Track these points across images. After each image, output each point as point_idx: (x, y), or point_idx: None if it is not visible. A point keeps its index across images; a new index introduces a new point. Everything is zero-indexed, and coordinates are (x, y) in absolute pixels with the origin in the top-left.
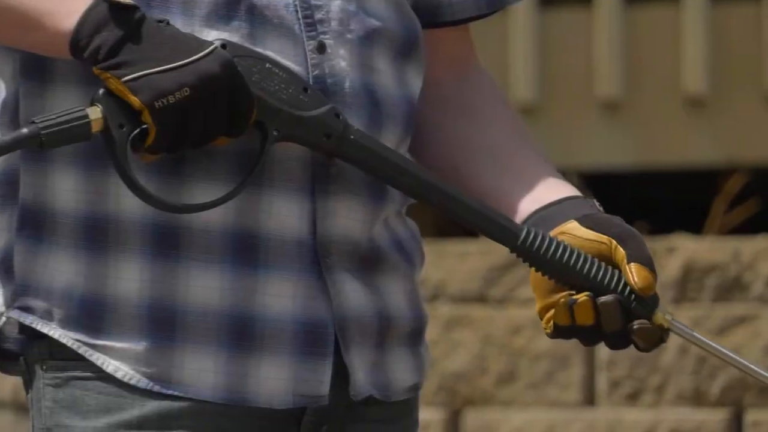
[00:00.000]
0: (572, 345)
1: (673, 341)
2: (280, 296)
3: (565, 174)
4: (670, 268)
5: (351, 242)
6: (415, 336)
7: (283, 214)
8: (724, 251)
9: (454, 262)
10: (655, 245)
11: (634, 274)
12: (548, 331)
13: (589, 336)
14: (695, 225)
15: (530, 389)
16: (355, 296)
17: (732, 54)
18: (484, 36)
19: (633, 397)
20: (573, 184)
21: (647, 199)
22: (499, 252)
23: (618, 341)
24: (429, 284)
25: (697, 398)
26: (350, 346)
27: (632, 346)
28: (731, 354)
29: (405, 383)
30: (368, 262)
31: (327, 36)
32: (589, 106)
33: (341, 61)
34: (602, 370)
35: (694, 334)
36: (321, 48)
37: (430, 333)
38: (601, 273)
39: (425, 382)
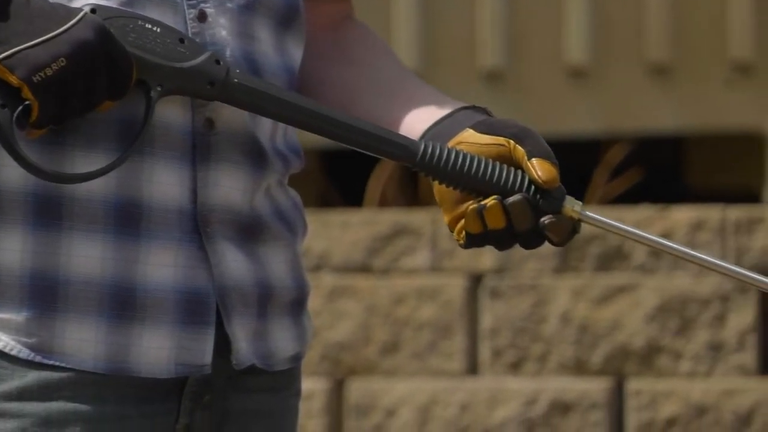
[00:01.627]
0: (455, 314)
1: (554, 312)
2: (162, 266)
3: None
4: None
5: (232, 211)
6: (297, 305)
7: (164, 183)
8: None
9: (338, 232)
10: None
11: (536, 169)
12: (461, 242)
13: (502, 239)
14: (577, 194)
15: (413, 359)
16: (236, 266)
17: (614, 24)
18: (367, 3)
19: (515, 367)
20: None
21: None
22: (383, 222)
23: (532, 239)
24: (312, 254)
25: (579, 367)
26: (232, 315)
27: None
28: (649, 235)
29: (287, 353)
30: (249, 232)
31: (207, 4)
32: (471, 75)
33: (222, 29)
34: (485, 339)
35: (605, 220)
36: (202, 16)
37: (314, 303)
38: (504, 175)
39: (308, 352)
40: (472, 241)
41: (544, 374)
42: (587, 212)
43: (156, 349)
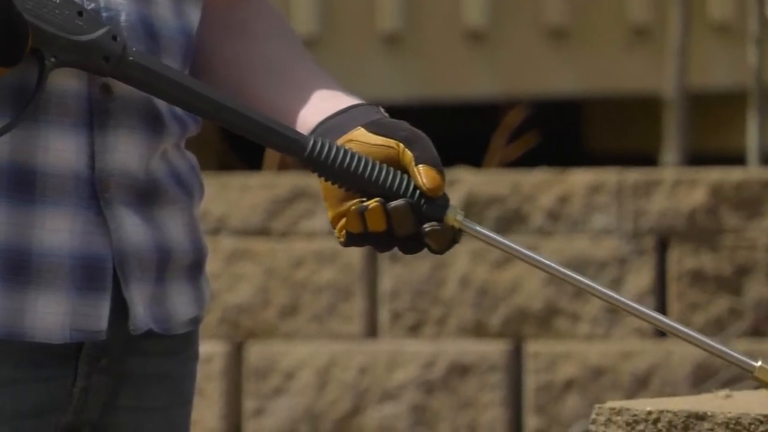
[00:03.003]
0: (354, 277)
1: (455, 274)
2: (58, 231)
3: None
4: (451, 200)
5: (129, 176)
6: (195, 269)
7: (60, 150)
8: (504, 184)
9: (237, 196)
10: None
11: (422, 175)
12: (341, 239)
13: (382, 242)
14: (475, 158)
15: (313, 321)
16: (134, 230)
17: None
18: None
19: (414, 329)
20: None
21: (428, 132)
22: (282, 185)
23: (411, 245)
24: (211, 217)
25: (478, 330)
26: (129, 280)
27: (426, 249)
28: (523, 250)
29: (185, 316)
30: (147, 196)
31: None
32: (370, 39)
33: None
34: (384, 302)
35: (486, 232)
36: None
37: (213, 266)
38: (390, 178)
39: (207, 315)
40: (352, 240)
41: (442, 337)
42: (469, 223)
43: (51, 315)
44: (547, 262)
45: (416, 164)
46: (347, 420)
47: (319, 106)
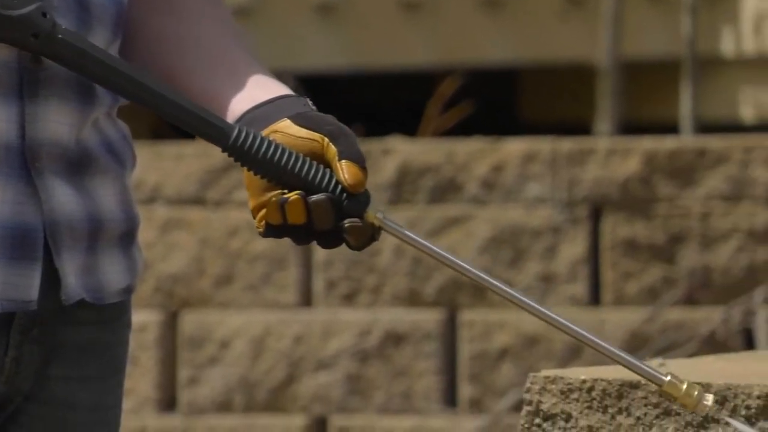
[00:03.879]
0: (289, 247)
1: (390, 243)
2: None
3: (281, 76)
4: (385, 170)
5: (60, 146)
6: (127, 238)
7: None
8: (439, 153)
9: (171, 165)
10: (371, 147)
11: (344, 171)
12: (260, 230)
13: (300, 235)
14: (410, 127)
15: (247, 291)
16: (65, 200)
17: None
18: None
19: (349, 298)
20: (288, 85)
21: (363, 101)
22: (216, 154)
23: (330, 240)
24: (145, 187)
25: (413, 299)
26: (61, 250)
27: (345, 245)
28: (440, 251)
29: (117, 285)
30: (78, 165)
31: None
32: (305, 8)
33: None
34: (319, 271)
35: (405, 232)
36: None
37: (147, 235)
38: (312, 171)
39: (142, 285)
40: (271, 231)
41: (377, 306)
42: (389, 221)
43: None
44: (463, 263)
45: (339, 159)
46: (282, 389)
47: (247, 94)
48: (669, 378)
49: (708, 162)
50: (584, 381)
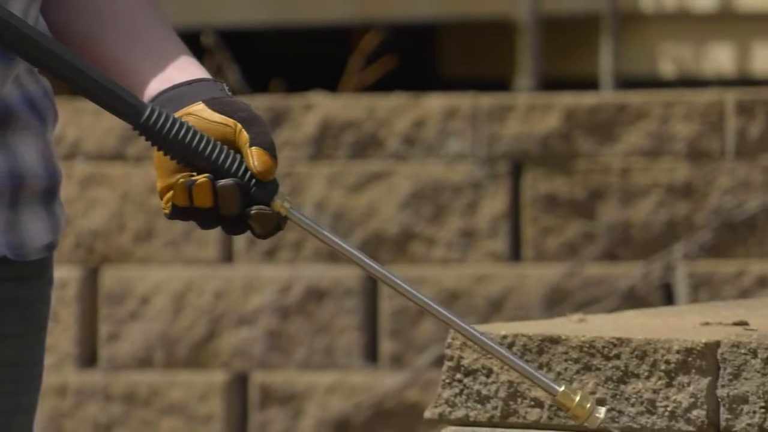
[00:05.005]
0: None
1: (309, 200)
2: None
3: (202, 32)
4: (306, 125)
5: None
6: (49, 195)
7: None
8: (360, 108)
9: (91, 120)
10: (292, 103)
11: (254, 158)
12: (167, 211)
13: (206, 218)
14: (331, 83)
15: (168, 246)
16: None
17: None
18: None
19: (270, 254)
20: (209, 42)
21: (284, 56)
22: None
23: (235, 226)
24: (65, 142)
25: (334, 255)
26: None
27: (250, 232)
28: (344, 244)
29: (40, 242)
30: None
31: None
32: None
33: None
34: None
35: (311, 223)
36: None
37: (68, 191)
38: (222, 156)
39: (62, 240)
40: (177, 213)
41: (298, 262)
42: (296, 211)
43: None
44: (369, 261)
45: (250, 146)
46: (203, 345)
47: (163, 75)
48: (563, 389)
49: (628, 118)
50: (505, 336)
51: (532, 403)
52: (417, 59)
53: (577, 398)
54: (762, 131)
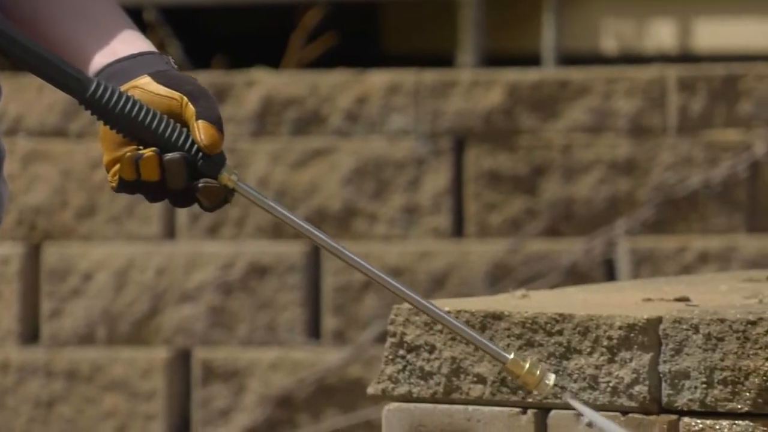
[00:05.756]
0: None
1: (254, 175)
2: None
3: (144, 9)
4: (249, 102)
5: None
6: None
7: None
8: (302, 85)
9: (33, 96)
10: (234, 79)
11: (201, 131)
12: (113, 184)
13: (153, 192)
14: (274, 59)
15: (110, 223)
16: None
17: None
18: None
19: (213, 231)
20: (151, 18)
21: (226, 33)
22: None
23: (182, 199)
24: (7, 118)
25: (276, 231)
26: None
27: (197, 205)
28: (294, 217)
29: None
30: None
31: None
32: None
33: None
34: None
35: (258, 195)
36: None
37: (10, 167)
38: (169, 130)
39: (4, 217)
40: (124, 186)
41: (241, 238)
42: (243, 184)
43: None
44: (316, 232)
45: (197, 119)
46: (145, 321)
47: (108, 48)
48: (512, 356)
49: (570, 94)
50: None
51: (475, 379)
52: (359, 35)
53: (527, 365)
54: (703, 107)
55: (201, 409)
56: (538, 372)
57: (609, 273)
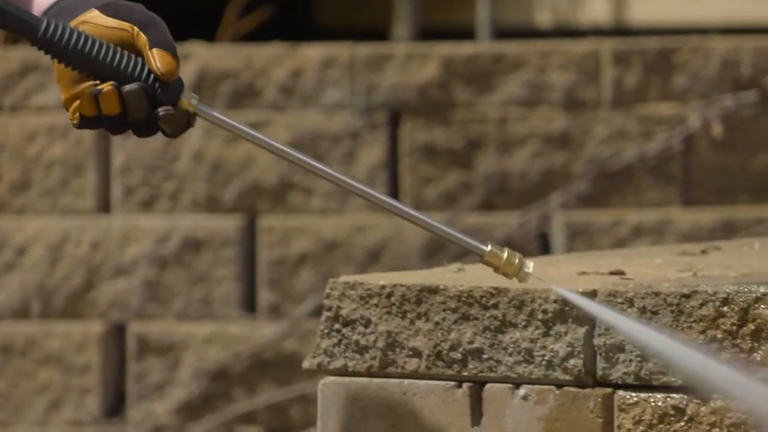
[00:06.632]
0: (87, 153)
1: (189, 148)
2: None
3: None
4: (184, 75)
5: None
6: None
7: None
8: (237, 58)
9: None
10: None
11: (156, 59)
12: (74, 122)
13: (115, 125)
14: (208, 32)
15: (45, 197)
16: None
17: None
18: None
19: (148, 204)
20: None
21: (159, 6)
22: (13, 58)
23: (145, 129)
24: None
25: (211, 205)
26: None
27: (161, 133)
28: (256, 134)
29: None
30: None
31: None
32: None
33: None
34: (117, 177)
35: (220, 116)
36: None
37: None
38: (124, 61)
39: None
40: (85, 123)
41: (176, 212)
42: (203, 106)
43: None
44: (277, 145)
45: (150, 48)
46: (80, 295)
47: None
48: (490, 248)
49: (505, 67)
50: (383, 286)
51: (410, 353)
52: (294, 8)
53: (505, 255)
54: (638, 81)
55: (136, 383)
56: (516, 261)
57: (544, 246)
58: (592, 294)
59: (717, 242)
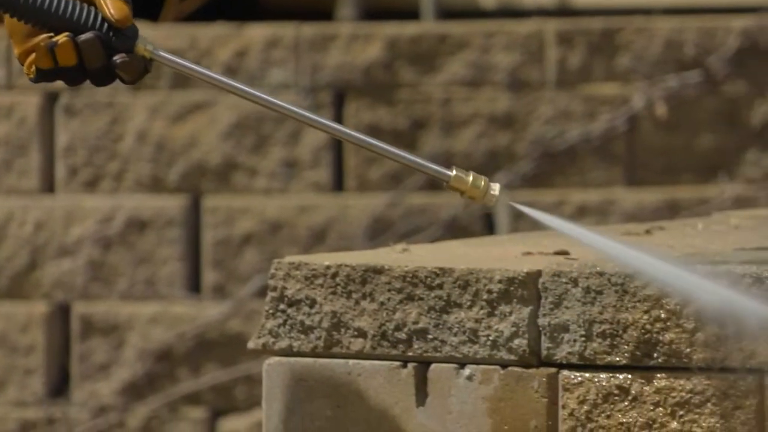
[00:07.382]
0: (30, 132)
1: (133, 128)
2: None
3: None
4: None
5: None
6: None
7: None
8: (181, 39)
9: None
10: None
11: (109, 7)
12: (31, 76)
13: (73, 76)
14: (151, 12)
15: None
16: None
17: None
18: None
19: (91, 184)
20: None
21: None
22: None
23: (102, 77)
24: None
25: (155, 185)
26: None
27: (119, 81)
28: (216, 75)
29: None
30: None
31: None
32: None
33: None
34: (60, 157)
35: (177, 60)
36: None
37: None
38: (77, 11)
39: None
40: (43, 76)
41: (120, 192)
42: (160, 51)
43: None
44: (234, 83)
45: None
46: (24, 275)
47: None
48: (455, 173)
49: (449, 48)
50: (328, 267)
51: (356, 333)
52: None
53: (470, 179)
54: (581, 61)
55: (80, 363)
56: (482, 184)
57: (488, 227)
58: (536, 274)
59: (661, 222)
